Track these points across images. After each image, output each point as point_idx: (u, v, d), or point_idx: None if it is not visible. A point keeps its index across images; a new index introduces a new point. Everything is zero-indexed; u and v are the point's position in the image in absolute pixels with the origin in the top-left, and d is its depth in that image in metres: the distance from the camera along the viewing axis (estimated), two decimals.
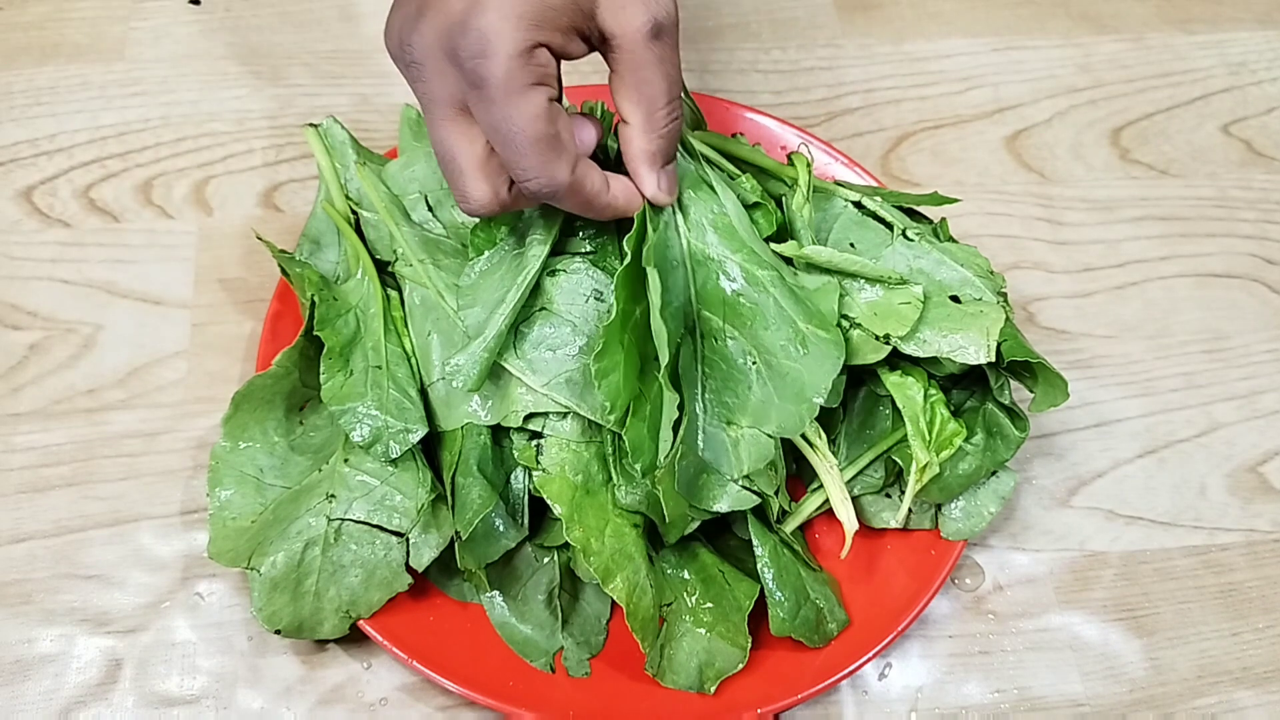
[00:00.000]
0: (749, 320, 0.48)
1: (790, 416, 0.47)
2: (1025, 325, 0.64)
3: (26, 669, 0.52)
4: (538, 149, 0.42)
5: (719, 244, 0.49)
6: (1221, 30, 0.77)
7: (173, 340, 0.60)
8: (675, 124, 0.46)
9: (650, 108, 0.45)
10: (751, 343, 0.48)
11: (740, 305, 0.48)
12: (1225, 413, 0.62)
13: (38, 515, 0.55)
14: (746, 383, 0.48)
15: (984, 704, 0.54)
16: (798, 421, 0.47)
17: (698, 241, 0.49)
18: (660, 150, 0.46)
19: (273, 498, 0.51)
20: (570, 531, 0.48)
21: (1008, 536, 0.58)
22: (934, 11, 0.76)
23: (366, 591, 0.50)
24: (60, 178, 0.65)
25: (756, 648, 0.50)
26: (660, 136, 0.46)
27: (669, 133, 0.46)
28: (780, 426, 0.48)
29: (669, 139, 0.46)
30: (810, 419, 0.48)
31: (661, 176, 0.47)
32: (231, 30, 0.72)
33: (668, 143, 0.46)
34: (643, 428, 0.45)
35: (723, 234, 0.49)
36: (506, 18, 0.41)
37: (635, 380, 0.46)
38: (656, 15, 0.43)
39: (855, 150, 0.69)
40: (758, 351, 0.48)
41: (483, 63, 0.41)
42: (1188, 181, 0.70)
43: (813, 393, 0.47)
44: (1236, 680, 0.55)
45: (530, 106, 0.42)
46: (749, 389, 0.48)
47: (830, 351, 0.47)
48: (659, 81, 0.44)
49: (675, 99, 0.45)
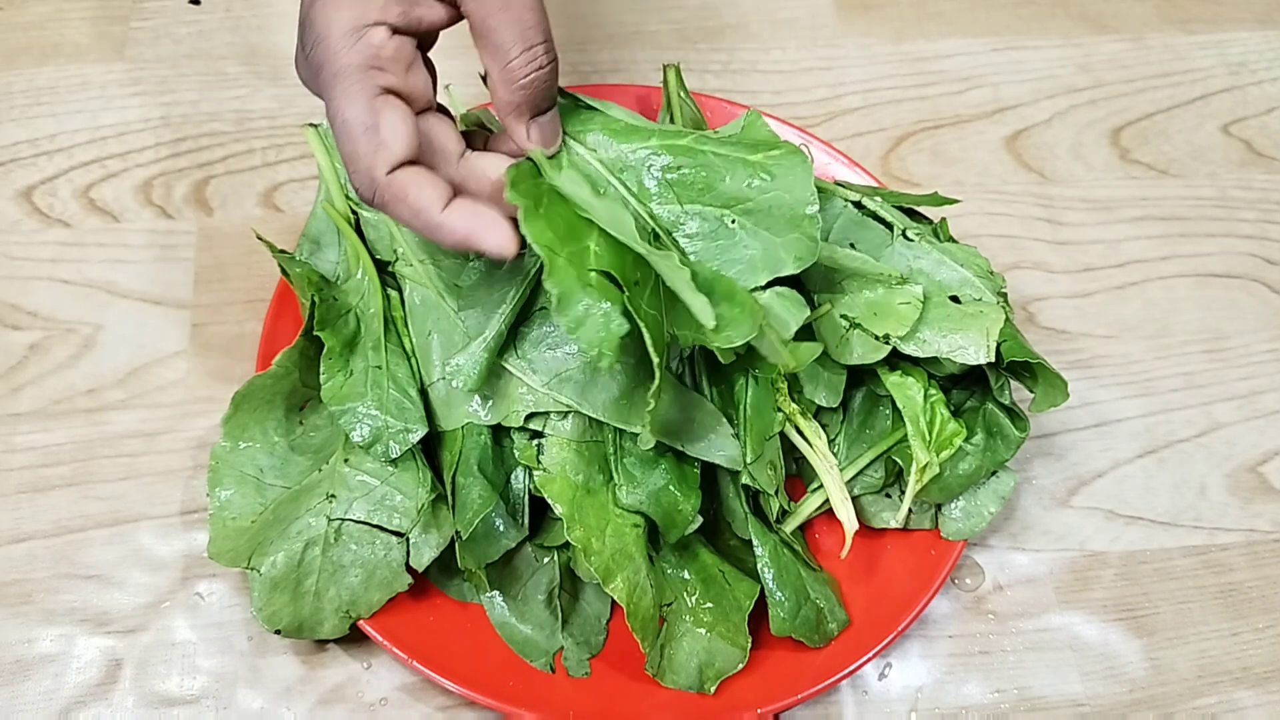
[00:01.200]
0: (702, 185, 0.46)
1: (798, 244, 0.46)
2: (1025, 325, 0.64)
3: (26, 669, 0.52)
4: (352, 136, 0.41)
5: (628, 145, 0.47)
6: (1221, 30, 0.77)
7: (173, 340, 0.60)
8: (539, 73, 0.42)
9: (504, 58, 0.42)
10: (718, 203, 0.46)
11: (685, 178, 0.46)
12: (1225, 413, 0.62)
13: (38, 515, 0.55)
14: (740, 243, 0.46)
15: (984, 704, 0.54)
16: (808, 244, 0.46)
17: (606, 153, 0.47)
18: (524, 100, 0.43)
19: (273, 498, 0.51)
20: (571, 531, 0.48)
21: (1008, 536, 0.58)
22: (934, 11, 0.76)
23: (366, 591, 0.50)
24: (60, 178, 0.65)
25: (756, 648, 0.50)
26: (520, 87, 0.42)
27: (531, 82, 0.42)
28: (797, 259, 0.46)
29: (532, 89, 0.43)
30: (816, 234, 0.46)
31: (532, 128, 0.44)
32: (231, 30, 0.72)
33: (532, 93, 0.43)
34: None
35: (624, 135, 0.47)
36: (329, 2, 0.40)
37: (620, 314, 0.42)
38: None
39: (855, 150, 0.69)
40: (728, 207, 0.46)
41: (316, 50, 0.41)
42: (1188, 181, 0.70)
43: (803, 207, 0.46)
44: (1236, 680, 0.55)
45: (351, 90, 0.40)
46: (745, 247, 0.46)
47: (794, 161, 0.46)
48: (507, 28, 0.41)
49: (533, 45, 0.42)
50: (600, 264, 0.41)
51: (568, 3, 0.74)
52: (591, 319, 0.40)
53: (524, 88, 0.42)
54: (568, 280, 0.40)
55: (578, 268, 0.41)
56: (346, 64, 0.41)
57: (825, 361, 0.52)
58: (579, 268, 0.41)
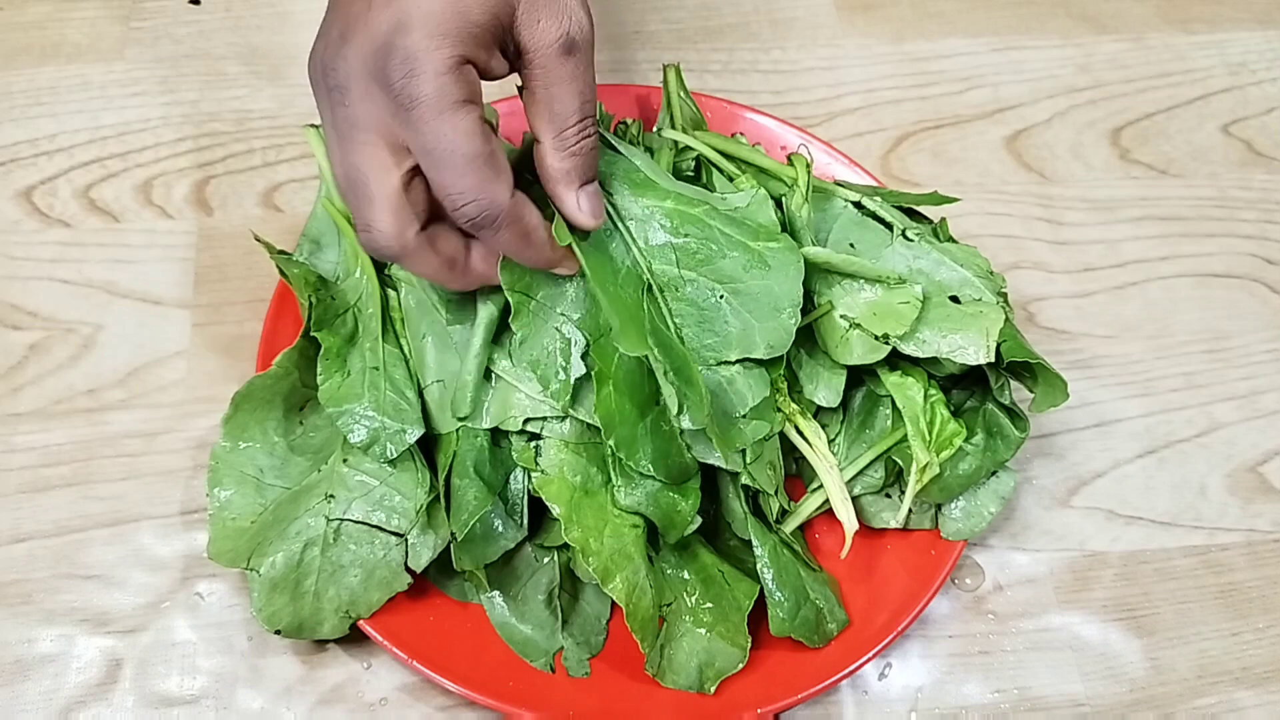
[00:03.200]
0: (702, 257, 0.48)
1: (774, 332, 0.48)
2: (1025, 325, 0.64)
3: (26, 669, 0.52)
4: (474, 167, 0.41)
5: (643, 199, 0.49)
6: (1221, 30, 0.77)
7: (173, 340, 0.60)
8: (588, 142, 0.44)
9: (560, 125, 0.43)
10: (713, 278, 0.48)
11: (688, 246, 0.48)
12: (1225, 413, 0.62)
13: (38, 515, 0.55)
14: (722, 318, 0.48)
15: (984, 704, 0.54)
16: (783, 335, 0.48)
17: (620, 200, 0.49)
18: (574, 169, 0.44)
19: (272, 498, 0.51)
20: (569, 532, 0.48)
21: (1008, 536, 0.58)
22: (934, 11, 0.76)
23: (366, 591, 0.50)
24: (60, 178, 0.65)
25: (756, 648, 0.50)
26: (571, 154, 0.44)
27: (581, 150, 0.44)
28: (769, 346, 0.48)
29: (583, 158, 0.44)
30: (792, 329, 0.48)
31: (580, 197, 0.45)
32: (231, 30, 0.72)
33: (582, 161, 0.44)
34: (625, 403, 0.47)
35: (642, 188, 0.49)
36: (432, 35, 0.40)
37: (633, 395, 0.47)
38: (570, 30, 0.42)
39: (855, 150, 0.69)
40: (721, 283, 0.48)
41: (412, 82, 0.40)
42: (1188, 181, 0.70)
43: (787, 302, 0.48)
44: (1236, 680, 0.55)
45: (464, 123, 0.41)
46: (725, 323, 0.48)
47: (789, 259, 0.49)
48: (570, 99, 0.43)
49: (588, 118, 0.44)
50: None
51: None
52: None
53: (576, 154, 0.44)
54: (531, 325, 0.48)
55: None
56: (455, 99, 0.41)
57: (825, 361, 0.52)
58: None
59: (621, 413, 0.48)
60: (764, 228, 0.49)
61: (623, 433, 0.48)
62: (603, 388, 0.47)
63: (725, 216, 0.49)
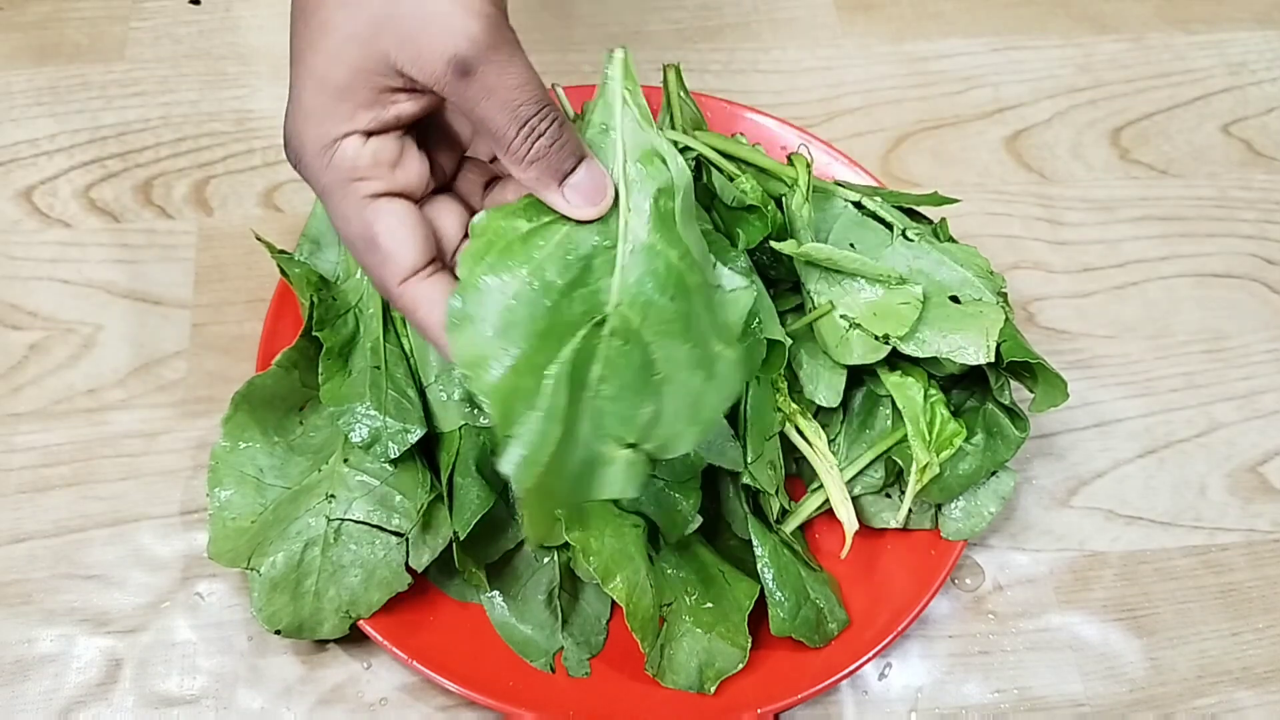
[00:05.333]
0: (668, 328, 0.41)
1: (681, 438, 0.41)
2: (1025, 325, 0.64)
3: (26, 669, 0.52)
4: (358, 250, 0.40)
5: (658, 234, 0.41)
6: (1221, 30, 0.77)
7: (173, 340, 0.60)
8: (541, 142, 0.40)
9: (503, 142, 0.40)
10: (664, 352, 0.41)
11: (664, 309, 0.41)
12: (1225, 413, 0.62)
13: (38, 515, 0.55)
14: (648, 394, 0.41)
15: (984, 704, 0.54)
16: (688, 443, 0.42)
17: (638, 223, 0.41)
18: (542, 173, 0.40)
19: (273, 498, 0.51)
20: (569, 531, 0.48)
21: (1008, 536, 0.58)
22: (934, 11, 0.76)
23: (366, 591, 0.50)
24: (60, 178, 0.65)
25: (756, 648, 0.50)
26: (529, 162, 0.40)
27: (537, 154, 0.40)
28: (665, 447, 0.41)
29: (543, 159, 0.40)
30: (699, 440, 0.43)
31: (568, 193, 0.40)
32: (231, 30, 0.72)
33: (545, 162, 0.40)
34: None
35: (665, 224, 0.42)
36: (304, 116, 0.40)
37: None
38: (456, 50, 0.38)
39: (855, 150, 0.68)
40: (668, 364, 0.41)
41: (300, 168, 0.40)
42: (1188, 181, 0.70)
43: (711, 414, 0.42)
44: (1236, 680, 0.55)
45: (341, 207, 0.40)
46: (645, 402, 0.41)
47: (734, 375, 0.43)
48: (495, 113, 0.39)
49: (526, 120, 0.39)
50: None
51: (568, 3, 0.74)
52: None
53: (533, 160, 0.40)
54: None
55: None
56: (328, 182, 0.40)
57: (825, 361, 0.52)
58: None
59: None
60: (728, 328, 0.43)
61: None
62: None
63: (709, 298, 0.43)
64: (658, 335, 0.41)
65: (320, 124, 0.40)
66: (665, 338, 0.41)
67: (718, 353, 0.42)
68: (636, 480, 0.41)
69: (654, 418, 0.41)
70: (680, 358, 0.41)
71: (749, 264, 0.50)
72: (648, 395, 0.41)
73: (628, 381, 0.40)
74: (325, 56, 0.39)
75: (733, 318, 0.44)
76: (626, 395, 0.40)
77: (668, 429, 0.41)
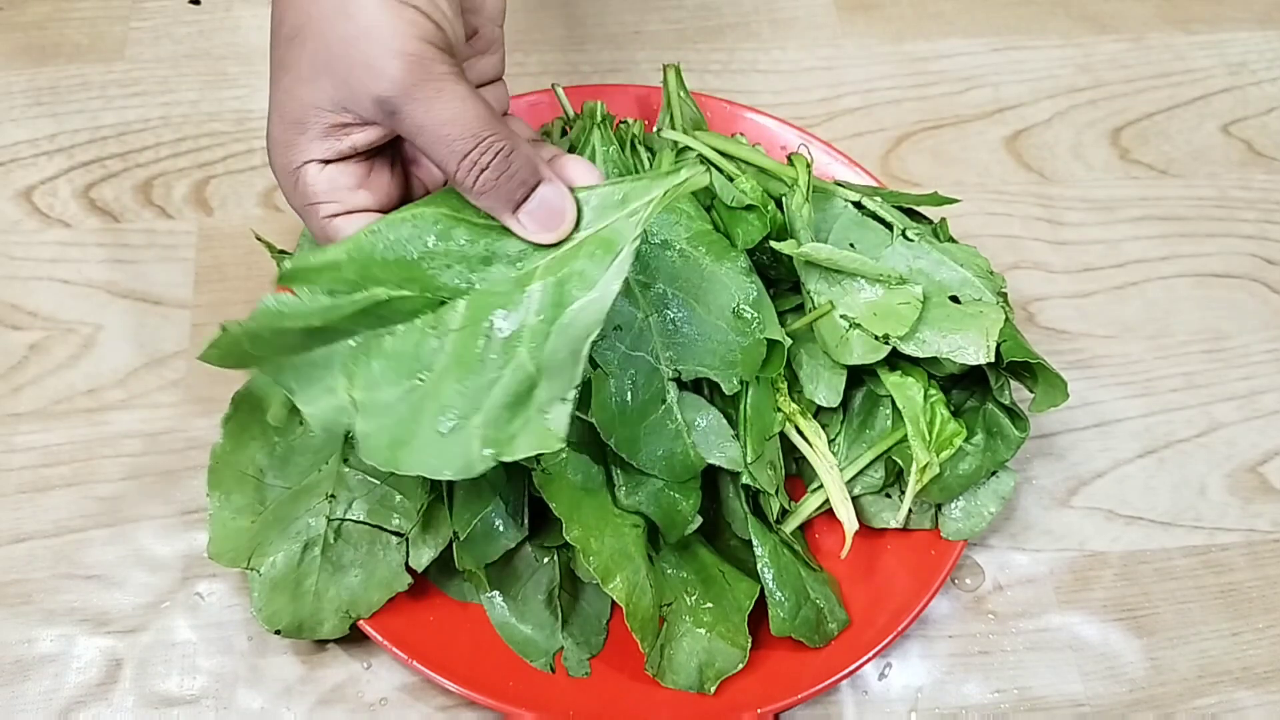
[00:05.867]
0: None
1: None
2: (1025, 325, 0.64)
3: (26, 669, 0.52)
4: None
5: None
6: (1221, 30, 0.77)
7: (173, 340, 0.60)
8: (486, 175, 0.40)
9: (451, 174, 0.40)
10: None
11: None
12: (1225, 413, 0.62)
13: (38, 515, 0.55)
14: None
15: (984, 704, 0.54)
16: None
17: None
18: (495, 202, 0.40)
19: (273, 498, 0.51)
20: (569, 531, 0.48)
21: (1008, 536, 0.58)
22: (934, 11, 0.76)
23: (366, 591, 0.50)
24: (60, 178, 0.65)
25: (756, 648, 0.50)
26: (479, 193, 0.40)
27: (484, 185, 0.40)
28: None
29: (493, 190, 0.40)
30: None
31: (521, 219, 0.41)
32: (231, 30, 0.72)
33: (495, 192, 0.40)
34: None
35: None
36: (272, 144, 0.42)
37: None
38: (379, 92, 0.39)
39: (855, 150, 0.69)
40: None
41: (281, 189, 0.43)
42: (1188, 181, 0.70)
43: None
44: (1236, 680, 0.55)
45: (310, 225, 0.42)
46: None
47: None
48: (435, 148, 0.39)
49: (466, 154, 0.39)
50: None
51: (568, 3, 0.74)
52: None
53: (483, 190, 0.40)
54: None
55: None
56: (295, 204, 0.42)
57: (825, 361, 0.52)
58: None
59: (623, 414, 0.48)
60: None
61: (624, 433, 0.48)
62: (602, 388, 0.47)
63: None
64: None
65: (284, 153, 0.41)
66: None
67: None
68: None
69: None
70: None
71: (749, 264, 0.50)
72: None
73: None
74: (281, 92, 0.41)
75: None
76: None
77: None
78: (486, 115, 0.40)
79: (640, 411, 0.48)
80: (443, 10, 0.40)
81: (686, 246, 0.50)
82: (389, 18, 0.38)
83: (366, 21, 0.38)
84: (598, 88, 0.65)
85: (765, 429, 0.51)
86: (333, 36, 0.39)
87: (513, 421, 0.39)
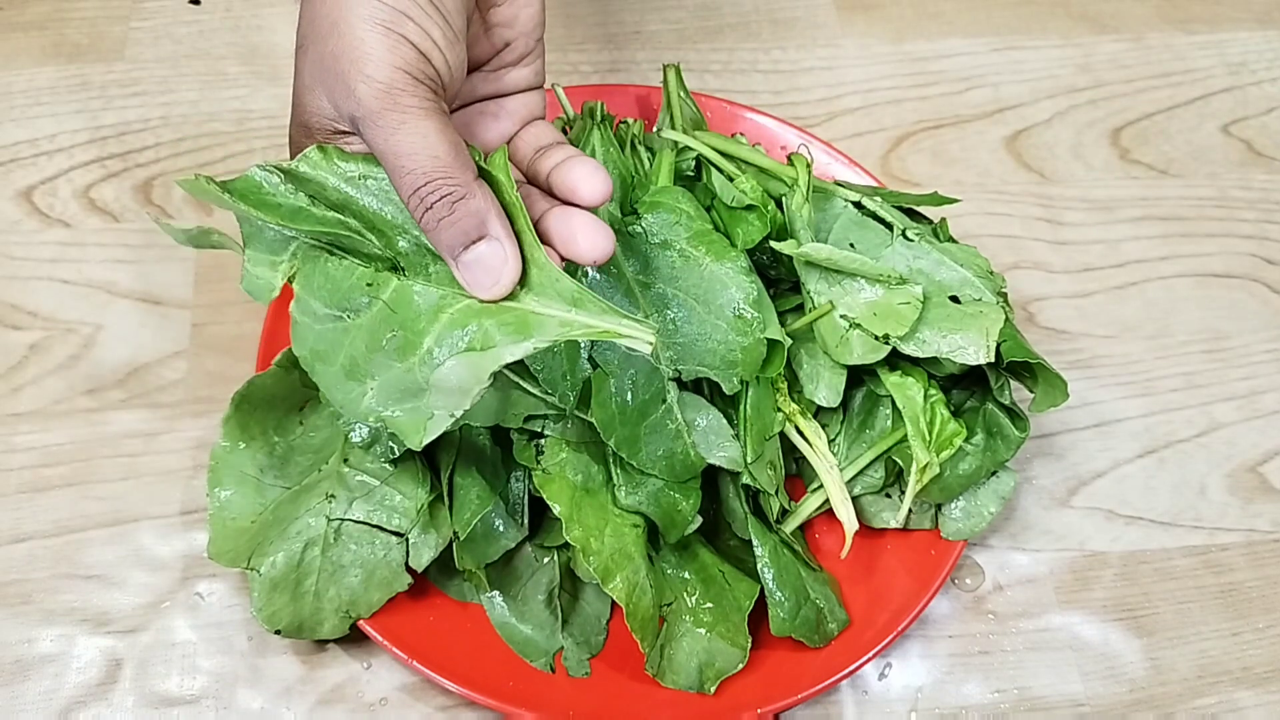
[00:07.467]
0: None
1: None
2: (1025, 325, 0.64)
3: (26, 669, 0.52)
4: None
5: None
6: (1221, 30, 0.77)
7: (173, 340, 0.60)
8: (429, 215, 0.39)
9: (402, 196, 0.40)
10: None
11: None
12: (1225, 413, 0.62)
13: (38, 515, 0.55)
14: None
15: (984, 704, 0.54)
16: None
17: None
18: (436, 243, 0.40)
19: (273, 498, 0.51)
20: (569, 531, 0.48)
21: (1008, 536, 0.58)
22: (934, 11, 0.76)
23: (366, 591, 0.50)
24: (60, 178, 0.65)
25: (756, 648, 0.50)
26: (426, 229, 0.40)
27: (428, 223, 0.39)
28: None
29: (435, 229, 0.39)
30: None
31: (459, 267, 0.40)
32: (231, 30, 0.72)
33: (441, 234, 0.39)
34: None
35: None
36: (290, 142, 0.43)
37: None
38: (351, 111, 0.39)
39: (855, 150, 0.69)
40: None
41: None
42: (1188, 181, 0.70)
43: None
44: (1236, 680, 0.55)
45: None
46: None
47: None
48: (391, 175, 0.39)
49: (417, 188, 0.39)
50: None
51: (568, 3, 0.74)
52: None
53: (428, 227, 0.40)
54: None
55: None
56: None
57: (825, 361, 0.52)
58: None
59: (623, 413, 0.48)
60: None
61: (624, 433, 0.48)
62: (602, 388, 0.47)
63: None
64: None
65: (297, 154, 0.42)
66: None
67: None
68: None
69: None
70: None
71: (749, 264, 0.50)
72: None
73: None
74: (294, 95, 0.42)
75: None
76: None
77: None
78: (446, 157, 0.39)
79: (640, 411, 0.48)
80: (433, 40, 0.39)
81: (686, 246, 0.50)
82: (371, 41, 0.38)
83: (351, 40, 0.39)
84: (598, 88, 0.65)
85: (765, 429, 0.51)
86: (325, 50, 0.39)
87: (402, 402, 0.41)
